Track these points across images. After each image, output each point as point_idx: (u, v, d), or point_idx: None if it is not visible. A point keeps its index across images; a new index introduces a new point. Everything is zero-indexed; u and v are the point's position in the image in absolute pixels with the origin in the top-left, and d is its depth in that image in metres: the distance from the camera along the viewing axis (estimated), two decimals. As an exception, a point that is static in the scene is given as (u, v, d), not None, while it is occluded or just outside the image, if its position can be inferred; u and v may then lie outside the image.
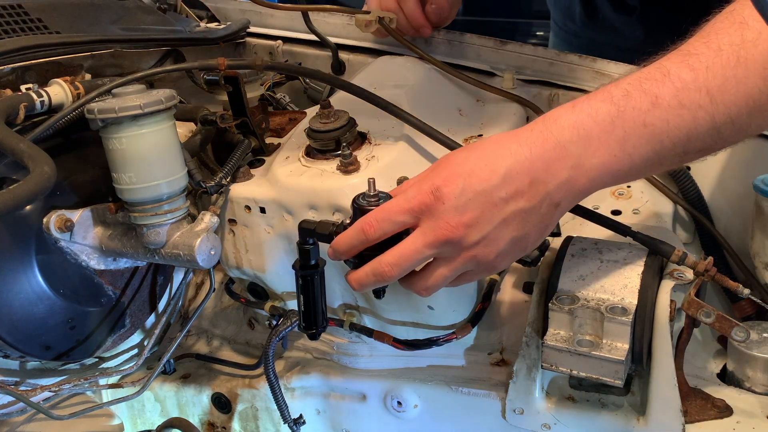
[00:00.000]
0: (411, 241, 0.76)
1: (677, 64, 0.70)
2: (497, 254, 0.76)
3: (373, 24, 1.18)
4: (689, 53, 0.70)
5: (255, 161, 1.07)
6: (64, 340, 0.95)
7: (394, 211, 0.76)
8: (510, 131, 0.77)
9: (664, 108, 0.69)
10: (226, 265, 1.11)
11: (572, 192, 0.74)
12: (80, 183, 0.94)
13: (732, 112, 0.68)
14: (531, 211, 0.74)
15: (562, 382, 1.01)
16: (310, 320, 0.94)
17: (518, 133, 0.75)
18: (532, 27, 3.37)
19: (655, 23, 1.47)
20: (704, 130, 0.70)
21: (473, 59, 1.26)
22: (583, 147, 0.71)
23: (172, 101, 0.87)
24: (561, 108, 0.75)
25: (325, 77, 1.09)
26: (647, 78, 0.71)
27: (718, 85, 0.67)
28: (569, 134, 0.72)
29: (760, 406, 0.94)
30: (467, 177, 0.73)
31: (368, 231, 0.77)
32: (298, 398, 1.18)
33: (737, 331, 0.85)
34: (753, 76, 0.66)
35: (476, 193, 0.73)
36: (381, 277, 0.78)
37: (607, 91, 0.73)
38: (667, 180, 1.17)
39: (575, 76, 1.23)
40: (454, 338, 1.02)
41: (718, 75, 0.67)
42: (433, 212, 0.74)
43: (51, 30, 1.01)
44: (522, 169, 0.72)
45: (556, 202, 0.75)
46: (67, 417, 0.99)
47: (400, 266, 0.77)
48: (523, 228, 0.75)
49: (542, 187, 0.73)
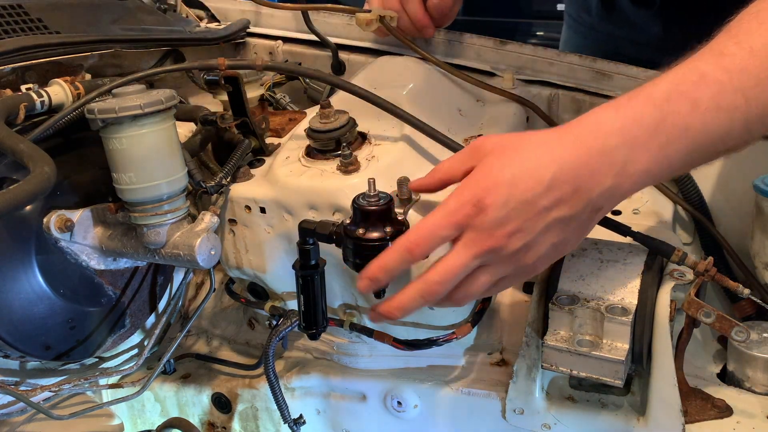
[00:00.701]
0: (456, 256, 0.74)
1: (712, 66, 0.69)
2: (537, 259, 0.75)
3: (374, 23, 1.18)
4: (722, 53, 0.70)
5: (255, 161, 1.07)
6: (64, 340, 0.95)
7: (438, 225, 0.74)
8: (547, 131, 0.75)
9: (703, 111, 0.69)
10: (226, 265, 1.11)
11: (614, 197, 0.74)
12: (80, 183, 0.93)
13: (764, 112, 0.69)
14: (573, 217, 0.73)
15: (562, 382, 1.01)
16: (311, 320, 0.94)
17: (560, 135, 0.73)
18: (532, 27, 3.38)
19: (673, 19, 1.45)
20: (738, 131, 0.70)
21: (473, 59, 1.26)
22: (629, 153, 0.70)
23: (172, 101, 0.87)
24: (602, 110, 0.73)
25: (325, 77, 1.09)
26: (683, 80, 0.70)
27: (753, 86, 0.68)
28: (615, 140, 0.70)
29: (760, 406, 0.94)
30: (510, 186, 0.71)
31: (415, 251, 0.75)
32: (298, 398, 1.18)
33: (737, 331, 0.85)
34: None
35: (520, 203, 0.71)
36: (431, 297, 0.76)
37: (647, 94, 0.71)
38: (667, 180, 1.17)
39: (575, 76, 1.23)
40: (454, 338, 1.02)
41: (753, 76, 0.68)
42: (476, 224, 0.72)
43: (51, 30, 1.01)
44: (567, 177, 0.71)
45: (598, 207, 0.74)
46: (67, 417, 0.99)
47: (449, 282, 0.75)
48: (563, 233, 0.74)
49: (586, 194, 0.71)
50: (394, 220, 0.84)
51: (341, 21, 1.33)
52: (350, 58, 1.34)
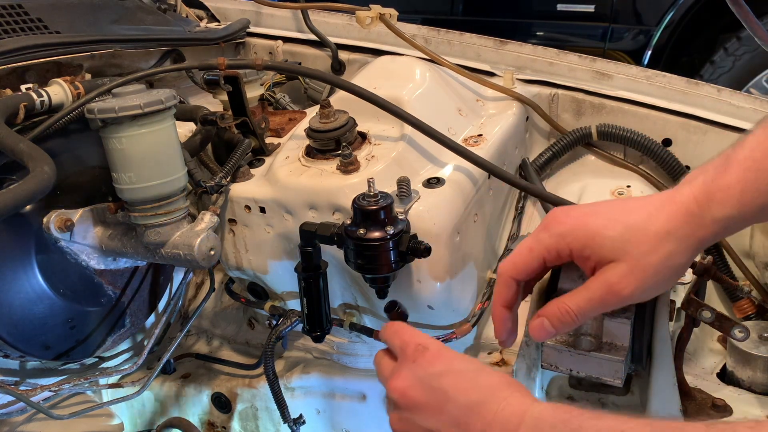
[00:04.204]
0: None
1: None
2: None
3: (374, 21, 1.18)
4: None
5: (255, 161, 1.07)
6: (64, 340, 0.95)
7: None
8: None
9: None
10: (226, 265, 1.11)
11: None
12: (80, 183, 0.94)
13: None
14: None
15: (562, 382, 1.01)
16: (315, 323, 0.93)
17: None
18: (532, 27, 3.37)
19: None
20: None
21: (473, 59, 1.26)
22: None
23: (172, 101, 0.87)
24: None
25: (325, 77, 1.09)
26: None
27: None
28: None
29: (759, 406, 0.94)
30: None
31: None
32: (298, 398, 1.18)
33: (737, 329, 0.85)
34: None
35: None
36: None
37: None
38: (666, 180, 1.17)
39: (575, 76, 1.23)
40: (454, 338, 1.02)
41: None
42: None
43: (51, 30, 1.01)
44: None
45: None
46: (67, 417, 0.99)
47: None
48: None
49: None
50: (394, 219, 0.84)
51: (341, 21, 1.33)
52: (350, 57, 1.34)
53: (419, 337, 0.73)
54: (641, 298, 0.69)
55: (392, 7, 1.22)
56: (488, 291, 1.06)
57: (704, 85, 1.18)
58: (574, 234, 0.69)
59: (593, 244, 0.68)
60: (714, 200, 0.65)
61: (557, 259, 0.71)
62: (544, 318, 0.71)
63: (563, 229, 0.69)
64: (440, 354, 0.71)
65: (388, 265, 0.85)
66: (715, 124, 1.13)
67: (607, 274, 0.67)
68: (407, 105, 1.01)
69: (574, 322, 0.70)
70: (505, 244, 1.15)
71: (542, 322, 0.71)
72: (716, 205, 0.65)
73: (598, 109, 1.20)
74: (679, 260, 0.67)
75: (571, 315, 0.69)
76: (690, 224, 0.66)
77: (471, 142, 1.06)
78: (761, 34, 1.03)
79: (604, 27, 3.12)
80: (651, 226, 0.66)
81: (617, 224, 0.67)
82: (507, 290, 0.74)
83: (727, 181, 0.65)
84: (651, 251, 0.66)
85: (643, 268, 0.66)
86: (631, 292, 0.67)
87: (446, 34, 1.27)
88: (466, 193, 0.96)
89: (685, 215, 0.66)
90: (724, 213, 0.65)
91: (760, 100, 1.15)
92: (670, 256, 0.66)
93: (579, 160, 1.24)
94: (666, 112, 1.17)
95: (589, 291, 0.68)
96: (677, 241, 0.66)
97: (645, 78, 1.21)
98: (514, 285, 0.74)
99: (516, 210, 1.19)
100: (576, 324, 0.70)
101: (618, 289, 0.67)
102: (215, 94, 1.17)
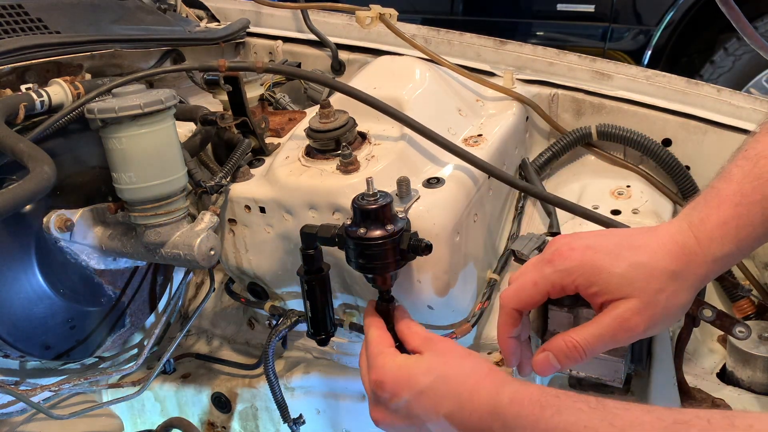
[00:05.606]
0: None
1: None
2: None
3: (374, 21, 1.18)
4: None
5: (255, 161, 1.07)
6: (64, 340, 0.95)
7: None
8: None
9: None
10: (226, 265, 1.11)
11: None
12: (80, 183, 0.94)
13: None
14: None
15: (562, 382, 1.01)
16: (319, 326, 0.93)
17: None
18: (532, 27, 3.37)
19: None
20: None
21: (473, 59, 1.26)
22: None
23: (172, 101, 0.87)
24: None
25: (324, 80, 1.09)
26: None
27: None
28: None
29: (759, 406, 0.94)
30: None
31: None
32: (298, 398, 1.18)
33: (739, 328, 0.85)
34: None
35: None
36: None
37: None
38: (666, 180, 1.17)
39: (575, 76, 1.23)
40: (454, 338, 1.02)
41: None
42: None
43: (51, 30, 1.01)
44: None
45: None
46: (67, 417, 0.99)
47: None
48: None
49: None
50: (394, 218, 0.84)
51: (341, 21, 1.33)
52: (350, 57, 1.34)
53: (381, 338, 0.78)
54: (648, 335, 0.69)
55: (392, 7, 1.22)
56: (488, 291, 1.06)
57: (704, 85, 1.18)
58: (580, 270, 0.69)
59: (599, 281, 0.68)
60: (713, 239, 0.66)
61: (561, 293, 0.71)
62: (549, 353, 0.71)
63: (569, 265, 0.69)
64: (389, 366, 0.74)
65: (390, 264, 0.85)
66: (715, 124, 1.13)
67: (619, 310, 0.67)
68: (407, 105, 1.01)
69: (581, 358, 0.69)
70: (505, 244, 1.15)
71: (547, 357, 0.71)
72: (715, 244, 0.66)
73: (598, 109, 1.20)
74: (684, 298, 0.68)
75: (579, 351, 0.69)
76: (691, 264, 0.67)
77: (471, 142, 1.06)
78: (751, 34, 1.03)
79: (604, 27, 3.13)
80: (657, 264, 0.67)
81: (622, 261, 0.67)
82: (512, 322, 0.75)
83: (722, 218, 0.66)
84: (661, 289, 0.66)
85: (655, 305, 0.66)
86: (644, 329, 0.67)
87: (446, 34, 1.27)
88: (466, 192, 0.96)
89: (688, 255, 0.67)
90: (723, 251, 0.66)
91: (760, 100, 1.15)
92: (676, 294, 0.67)
93: (579, 160, 1.24)
94: (666, 112, 1.17)
95: (600, 326, 0.68)
96: (682, 281, 0.67)
97: (645, 78, 1.21)
98: (518, 316, 0.74)
99: (516, 210, 1.19)
100: (583, 360, 0.69)
101: (631, 325, 0.66)
102: (215, 94, 1.17)
